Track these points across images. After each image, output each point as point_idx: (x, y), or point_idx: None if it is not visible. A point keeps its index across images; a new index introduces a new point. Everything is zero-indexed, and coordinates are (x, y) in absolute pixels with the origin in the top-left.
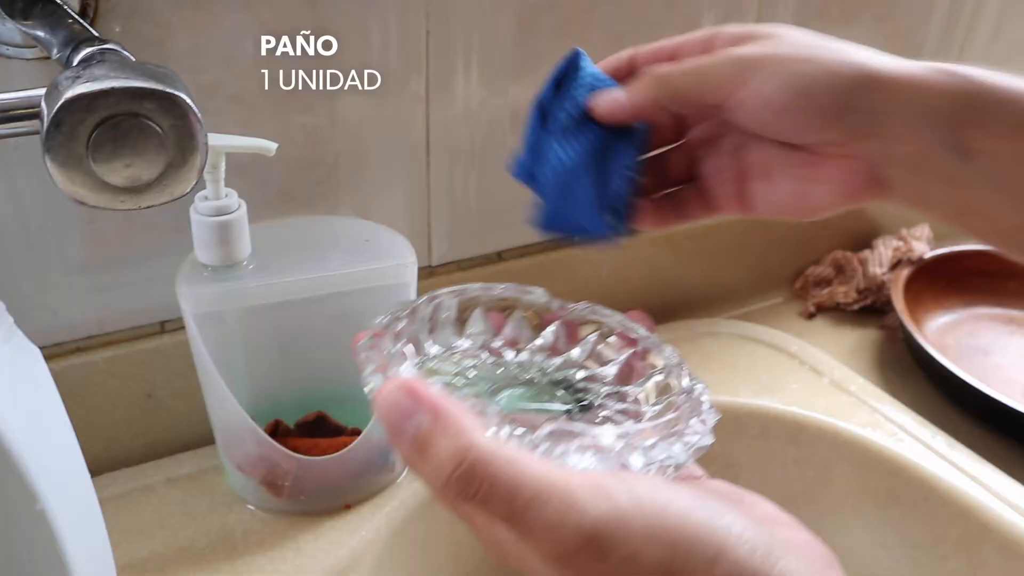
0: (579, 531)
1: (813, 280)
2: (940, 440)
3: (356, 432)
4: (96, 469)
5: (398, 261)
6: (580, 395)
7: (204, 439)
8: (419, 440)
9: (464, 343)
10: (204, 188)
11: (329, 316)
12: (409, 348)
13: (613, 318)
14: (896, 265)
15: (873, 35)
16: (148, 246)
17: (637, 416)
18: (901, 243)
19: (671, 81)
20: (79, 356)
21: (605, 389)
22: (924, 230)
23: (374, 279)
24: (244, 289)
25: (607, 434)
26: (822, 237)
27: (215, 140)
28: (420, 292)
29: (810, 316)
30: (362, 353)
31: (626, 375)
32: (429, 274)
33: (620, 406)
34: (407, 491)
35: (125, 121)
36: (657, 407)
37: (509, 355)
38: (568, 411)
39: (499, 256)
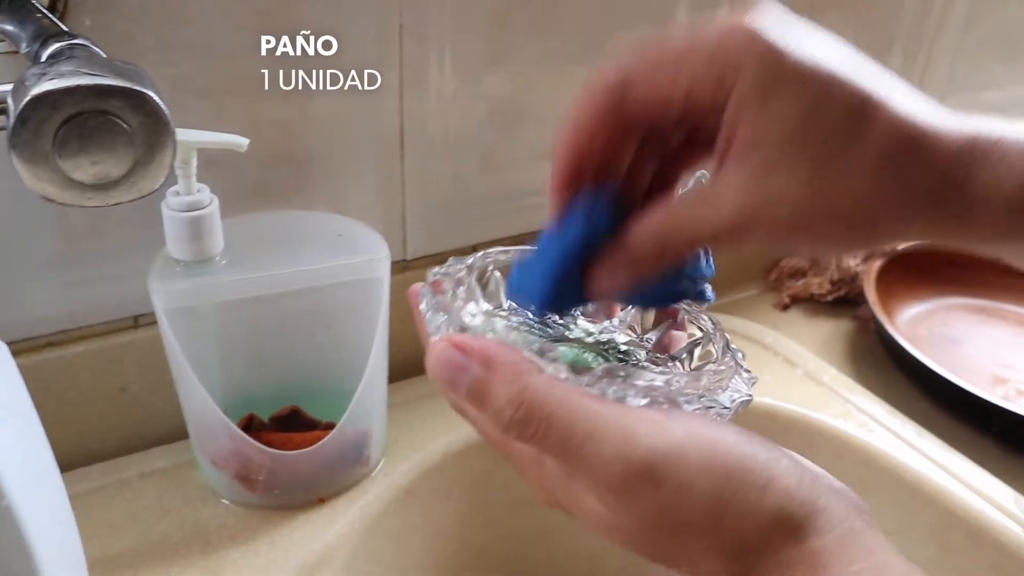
0: (633, 462)
1: (787, 272)
2: (910, 429)
3: (330, 426)
4: (69, 464)
5: (371, 256)
6: (624, 357)
7: (178, 433)
8: (475, 391)
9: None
10: (175, 183)
11: (302, 311)
12: (466, 296)
13: None
14: (869, 256)
15: (843, 28)
16: (120, 241)
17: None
18: None
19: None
20: (51, 351)
21: (647, 355)
22: None
23: (347, 274)
24: (216, 284)
25: (658, 380)
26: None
27: (185, 135)
28: (394, 287)
29: (785, 307)
30: (423, 298)
31: (666, 345)
32: (404, 268)
33: (662, 369)
34: (381, 484)
35: (92, 118)
36: (698, 371)
37: (555, 317)
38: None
39: (474, 249)
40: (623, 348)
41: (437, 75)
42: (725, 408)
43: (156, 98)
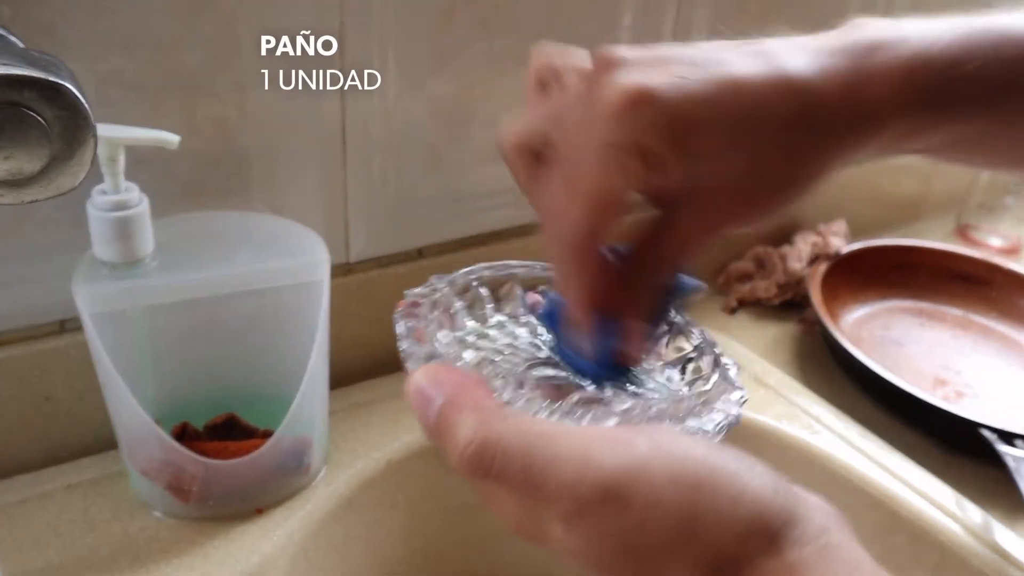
0: (597, 484)
1: (735, 275)
2: (854, 431)
3: (268, 434)
4: None
5: (310, 258)
6: (628, 379)
7: (107, 443)
8: (439, 424)
9: (500, 317)
10: (102, 181)
11: (238, 315)
12: (445, 319)
13: None
14: (814, 260)
15: (791, 34)
16: (45, 241)
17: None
18: (819, 238)
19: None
20: None
21: (638, 369)
22: (840, 225)
23: (284, 277)
24: (145, 287)
25: (637, 405)
26: (744, 232)
27: (111, 131)
28: (336, 290)
29: (732, 311)
30: (399, 320)
31: (657, 355)
32: (347, 272)
33: (653, 385)
34: (322, 494)
35: (3, 110)
36: (688, 387)
37: (544, 333)
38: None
39: (419, 253)
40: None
41: (380, 75)
42: (706, 431)
43: (74, 90)
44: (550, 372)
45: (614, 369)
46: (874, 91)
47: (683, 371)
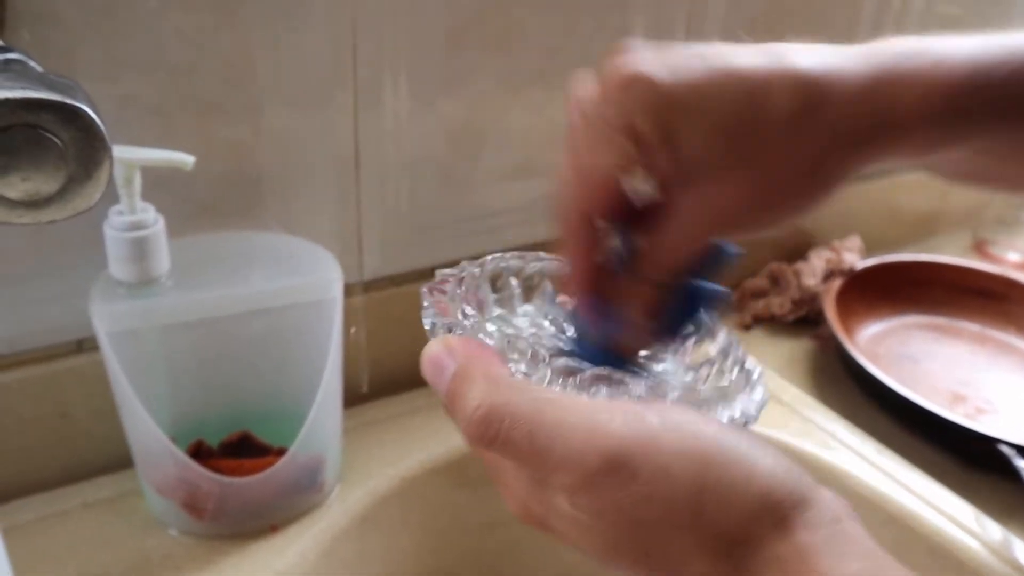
0: (605, 453)
1: (750, 292)
2: (870, 447)
3: (282, 451)
4: (7, 495)
5: (323, 277)
6: (635, 370)
7: (124, 461)
8: (450, 392)
9: (528, 308)
10: (119, 202)
11: (253, 333)
12: (472, 298)
13: None
14: (829, 276)
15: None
16: (62, 260)
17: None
18: (833, 254)
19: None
20: None
21: (660, 367)
22: (855, 241)
23: (298, 296)
24: (161, 306)
25: (654, 389)
26: (758, 249)
27: (127, 153)
28: (349, 310)
29: (747, 327)
30: (425, 294)
31: (682, 358)
32: (361, 290)
33: (674, 382)
34: (336, 511)
35: (21, 133)
36: (705, 382)
37: (570, 329)
38: None
39: (433, 272)
40: (637, 362)
41: (392, 96)
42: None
43: (91, 112)
44: (572, 364)
45: (610, 358)
46: (898, 96)
47: (705, 374)
